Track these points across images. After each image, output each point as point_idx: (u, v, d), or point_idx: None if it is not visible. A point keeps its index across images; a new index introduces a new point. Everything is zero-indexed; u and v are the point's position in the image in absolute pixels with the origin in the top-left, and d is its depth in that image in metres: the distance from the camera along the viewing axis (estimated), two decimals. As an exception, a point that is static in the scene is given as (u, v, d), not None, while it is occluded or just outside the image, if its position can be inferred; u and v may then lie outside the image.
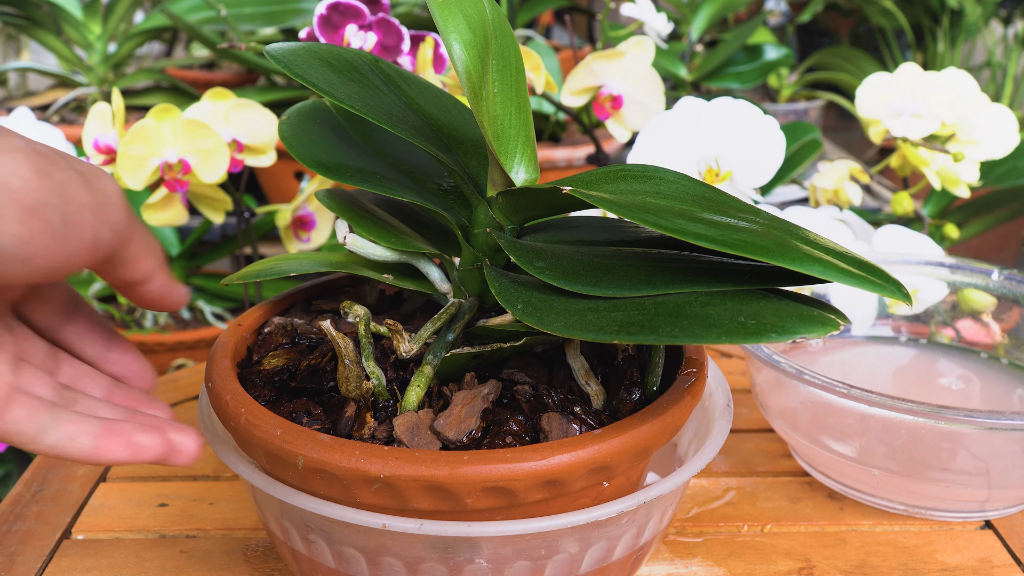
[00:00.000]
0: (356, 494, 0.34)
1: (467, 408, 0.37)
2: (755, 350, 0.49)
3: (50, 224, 0.28)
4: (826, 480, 0.52)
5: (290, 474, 0.35)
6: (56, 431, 0.33)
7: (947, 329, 0.61)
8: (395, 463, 0.33)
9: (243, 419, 0.36)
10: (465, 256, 0.41)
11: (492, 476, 0.34)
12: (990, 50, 1.78)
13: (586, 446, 0.34)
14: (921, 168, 0.77)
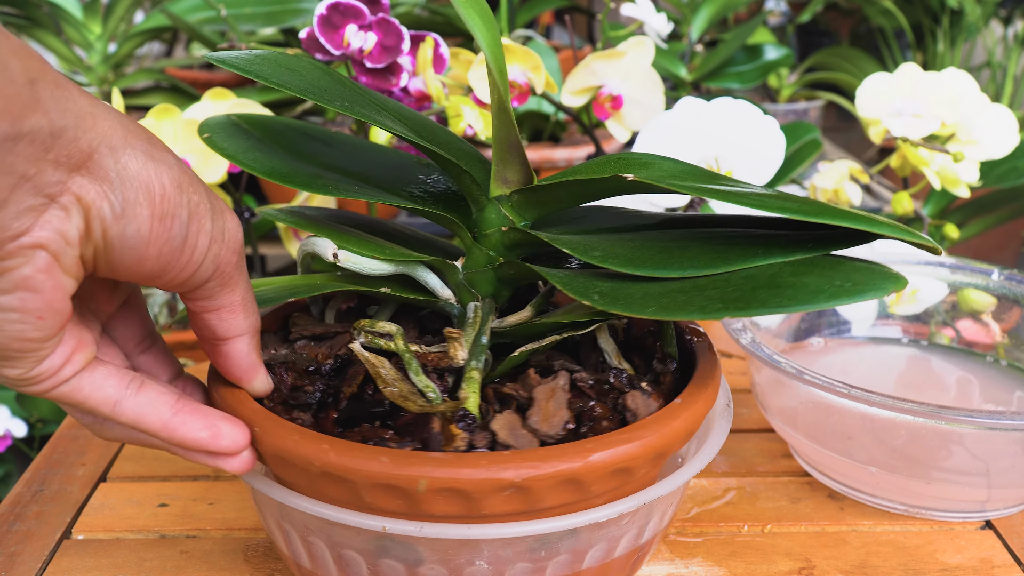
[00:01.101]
0: (484, 505, 0.33)
1: (553, 402, 0.37)
2: (755, 350, 0.49)
3: (171, 234, 0.31)
4: (826, 480, 0.52)
5: (397, 503, 0.33)
6: (140, 396, 0.34)
7: (947, 329, 0.61)
8: (529, 465, 0.33)
9: (330, 456, 0.33)
10: (476, 258, 0.40)
11: (618, 459, 0.34)
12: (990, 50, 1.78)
13: (680, 415, 0.36)
14: (921, 168, 0.77)
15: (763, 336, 0.58)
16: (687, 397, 0.37)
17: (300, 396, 0.38)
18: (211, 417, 0.35)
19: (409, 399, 0.36)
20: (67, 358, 0.32)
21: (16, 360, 0.31)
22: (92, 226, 0.29)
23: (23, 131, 0.26)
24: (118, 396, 0.34)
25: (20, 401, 0.88)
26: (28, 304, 0.29)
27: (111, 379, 0.34)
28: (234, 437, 0.35)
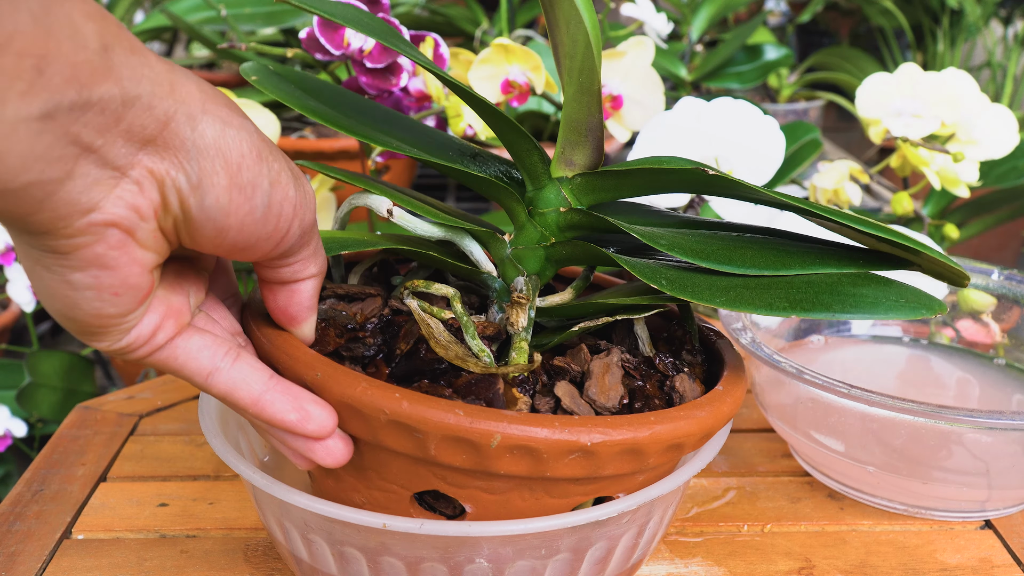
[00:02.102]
0: (550, 467, 0.34)
1: (609, 376, 0.37)
2: (755, 349, 0.49)
3: (253, 204, 0.30)
4: (826, 480, 0.52)
5: (463, 457, 0.33)
6: (234, 370, 0.33)
7: (947, 329, 0.61)
8: (601, 431, 0.33)
9: (404, 405, 0.33)
10: (528, 234, 0.40)
11: (677, 434, 0.35)
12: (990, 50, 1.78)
13: (726, 399, 0.37)
14: (921, 168, 0.77)
15: (763, 335, 0.58)
16: (728, 384, 0.39)
17: (356, 348, 0.37)
18: (301, 399, 0.34)
19: (468, 360, 0.36)
20: (157, 326, 0.31)
21: (100, 334, 0.30)
22: (168, 198, 0.28)
23: (92, 100, 0.25)
24: (212, 367, 0.33)
25: (20, 401, 0.88)
26: (102, 281, 0.28)
27: (206, 349, 0.33)
28: (322, 421, 0.34)
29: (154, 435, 0.57)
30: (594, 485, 0.36)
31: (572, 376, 0.38)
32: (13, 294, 0.85)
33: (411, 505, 0.36)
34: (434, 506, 0.37)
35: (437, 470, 0.34)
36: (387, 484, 0.36)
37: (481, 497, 0.35)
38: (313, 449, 0.34)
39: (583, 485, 0.35)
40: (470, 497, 0.35)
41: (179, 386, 0.63)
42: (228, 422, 0.44)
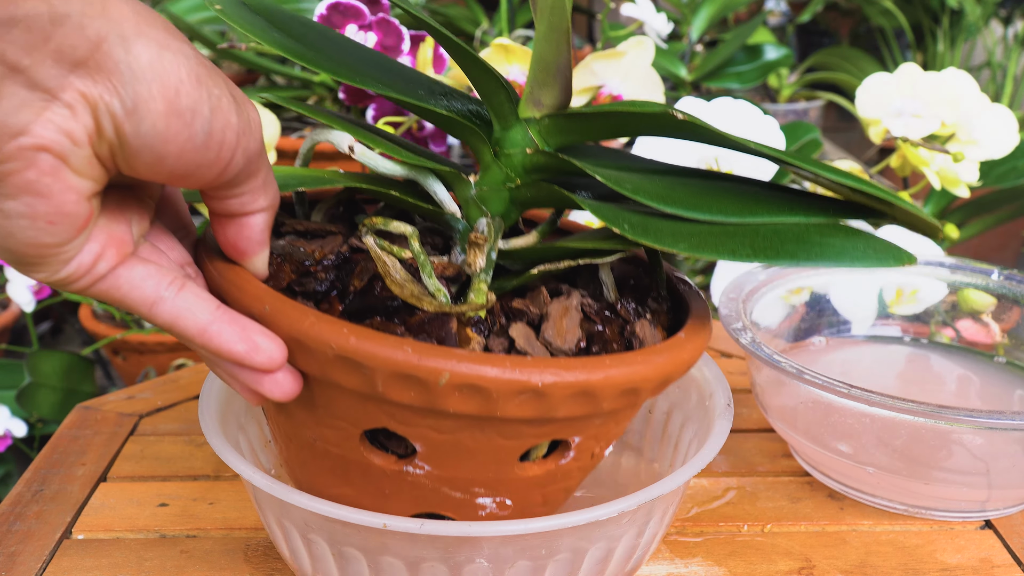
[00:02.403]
0: (500, 406, 0.33)
1: (567, 319, 0.37)
2: (755, 349, 0.49)
3: (192, 131, 0.29)
4: (826, 480, 0.52)
5: (412, 394, 0.33)
6: (179, 299, 0.32)
7: (947, 329, 0.61)
8: (552, 372, 0.33)
9: (351, 340, 0.32)
10: (493, 175, 0.40)
11: (632, 378, 0.34)
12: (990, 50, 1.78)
13: (687, 346, 0.37)
14: (921, 168, 0.77)
15: (763, 336, 0.58)
16: (690, 332, 0.38)
17: (308, 283, 0.37)
18: (249, 330, 0.33)
19: (423, 299, 0.35)
20: (97, 255, 0.30)
21: (39, 264, 0.29)
22: (102, 124, 0.27)
23: (17, 16, 0.24)
24: (156, 296, 0.32)
25: (20, 401, 0.88)
26: (36, 209, 0.27)
27: (150, 279, 0.32)
28: (271, 353, 0.33)
29: (154, 435, 0.57)
30: (547, 427, 0.35)
31: (530, 319, 0.37)
32: (13, 294, 0.85)
33: (361, 443, 0.36)
34: (385, 445, 0.36)
35: (386, 408, 0.34)
36: (337, 421, 0.35)
37: (431, 436, 0.35)
38: (261, 382, 0.34)
39: (535, 427, 0.35)
40: (420, 436, 0.35)
41: (179, 386, 0.63)
42: (228, 422, 0.44)
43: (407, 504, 0.37)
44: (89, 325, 1.08)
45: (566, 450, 0.38)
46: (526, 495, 0.38)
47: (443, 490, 0.37)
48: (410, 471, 0.36)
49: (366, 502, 0.37)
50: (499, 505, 0.38)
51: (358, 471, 0.37)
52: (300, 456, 0.39)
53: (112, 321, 1.09)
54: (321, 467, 0.38)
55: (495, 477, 0.37)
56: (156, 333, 1.05)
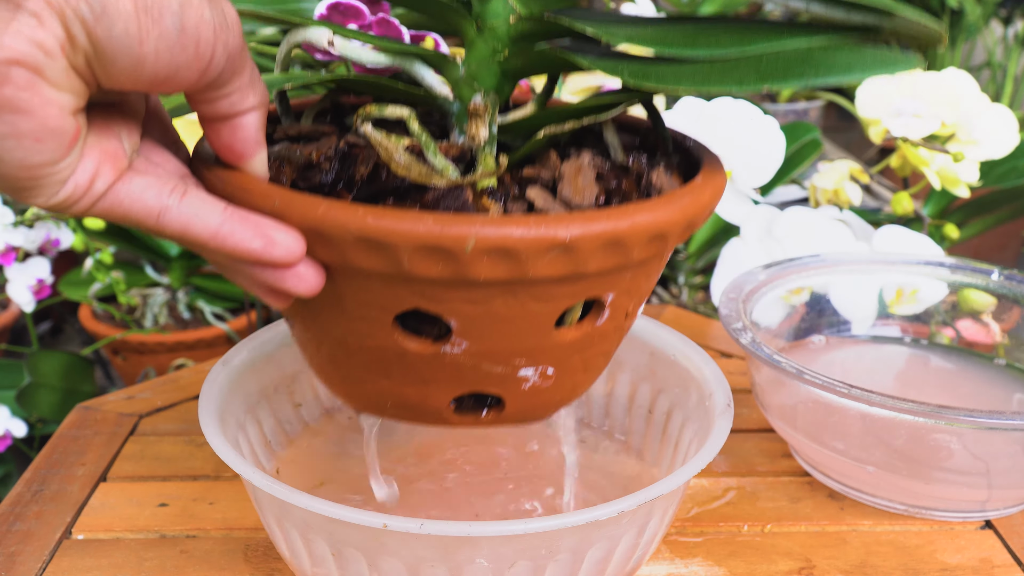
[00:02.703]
0: (531, 267, 0.32)
1: (581, 177, 0.36)
2: (755, 349, 0.49)
3: (163, 27, 0.28)
4: (826, 480, 0.52)
5: (439, 267, 0.32)
6: (184, 206, 0.31)
7: (947, 329, 0.61)
8: (580, 224, 0.32)
9: (368, 219, 0.31)
10: (480, 51, 0.39)
11: (659, 223, 0.34)
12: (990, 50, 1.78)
13: (706, 188, 0.36)
14: (921, 168, 0.77)
15: (763, 335, 0.58)
16: (706, 176, 0.37)
17: (313, 177, 0.36)
18: (262, 226, 0.32)
19: (433, 176, 0.34)
20: (94, 173, 0.30)
21: (35, 188, 0.29)
22: (73, 31, 0.27)
23: None
24: (160, 206, 0.31)
25: (20, 401, 0.88)
26: (19, 127, 0.27)
27: (150, 189, 0.31)
28: (288, 245, 0.32)
29: (154, 435, 0.57)
30: (579, 286, 0.35)
31: (544, 182, 0.36)
32: (13, 294, 0.85)
33: (394, 330, 0.35)
34: (418, 329, 0.36)
35: (415, 287, 0.33)
36: (366, 311, 0.35)
37: (464, 310, 0.34)
38: (284, 279, 0.33)
39: (567, 286, 0.34)
40: (452, 312, 0.34)
41: (179, 386, 0.63)
42: (228, 422, 0.44)
43: (449, 387, 0.37)
44: (89, 325, 1.08)
45: (600, 310, 0.37)
46: (566, 362, 0.37)
47: (483, 366, 0.36)
48: (448, 351, 0.35)
49: (407, 392, 0.37)
50: (541, 375, 0.37)
51: (394, 361, 0.36)
52: (332, 357, 0.38)
53: (112, 321, 1.09)
54: (356, 364, 0.37)
55: (533, 345, 0.36)
56: (156, 333, 1.05)
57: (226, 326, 1.07)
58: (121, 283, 0.91)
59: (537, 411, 0.40)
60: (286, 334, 0.50)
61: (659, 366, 0.50)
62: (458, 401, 0.38)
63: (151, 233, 0.33)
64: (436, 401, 0.37)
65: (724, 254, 0.72)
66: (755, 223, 0.71)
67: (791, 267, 0.59)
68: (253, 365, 0.48)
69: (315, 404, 0.53)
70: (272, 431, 0.50)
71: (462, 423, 0.39)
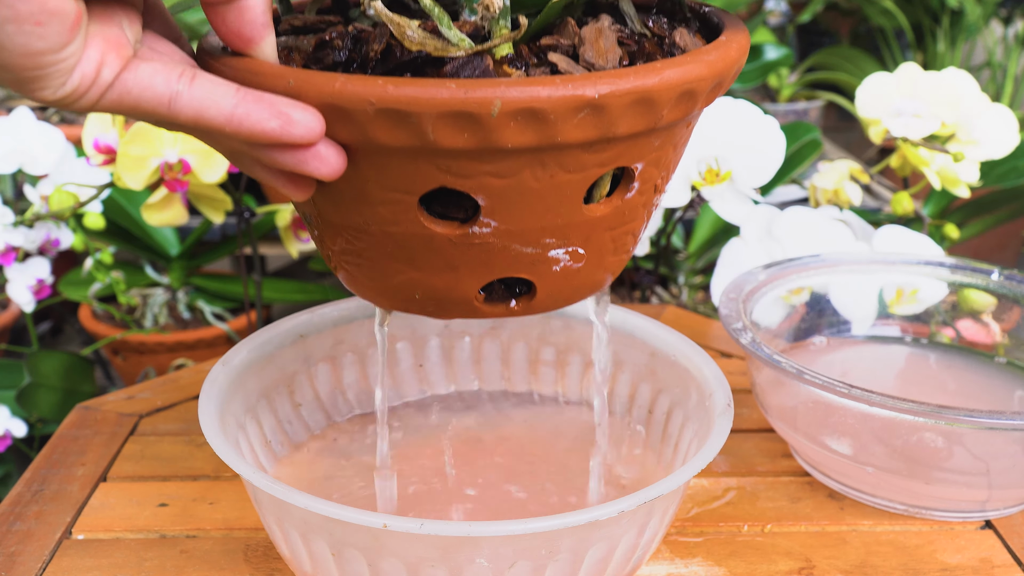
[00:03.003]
0: (559, 130, 0.31)
1: (603, 39, 0.35)
2: (755, 349, 0.49)
3: None
4: (826, 480, 0.52)
5: (465, 136, 0.31)
6: (195, 90, 0.30)
7: (947, 329, 0.61)
8: (608, 81, 0.31)
9: (389, 89, 0.30)
10: None
11: (688, 79, 0.33)
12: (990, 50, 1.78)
13: (732, 44, 0.35)
14: (921, 168, 0.77)
15: (763, 336, 0.58)
16: (730, 34, 0.36)
17: (325, 56, 0.34)
18: (277, 104, 0.31)
19: (450, 48, 0.33)
20: (99, 62, 0.29)
21: (41, 79, 0.28)
22: None
23: None
24: (171, 92, 0.30)
25: (20, 401, 0.88)
26: (19, 9, 0.26)
27: (159, 75, 0.30)
28: (308, 123, 0.31)
29: (154, 435, 0.57)
30: (609, 152, 0.34)
31: (563, 50, 0.35)
32: (13, 294, 0.85)
33: (419, 213, 0.34)
34: (444, 213, 0.35)
35: (440, 161, 0.32)
36: (389, 194, 0.34)
37: (491, 184, 0.33)
38: (305, 160, 0.32)
39: (598, 152, 0.33)
40: (480, 187, 0.33)
41: (179, 386, 0.63)
42: (228, 422, 0.44)
43: (478, 273, 0.36)
44: (89, 325, 1.08)
45: (630, 182, 0.36)
46: (597, 241, 0.37)
47: (513, 247, 0.35)
48: (476, 232, 0.34)
49: (435, 281, 0.36)
50: (572, 256, 0.36)
51: (421, 247, 0.35)
52: (356, 250, 0.37)
53: (112, 321, 1.09)
54: (380, 255, 0.36)
55: (563, 222, 0.35)
56: (156, 333, 1.05)
57: (226, 326, 1.07)
58: (121, 283, 0.91)
59: (568, 296, 0.38)
60: (286, 334, 0.51)
61: (659, 366, 0.50)
62: (487, 290, 0.37)
63: (163, 124, 0.32)
64: (465, 290, 0.36)
65: (724, 254, 0.72)
66: (755, 223, 0.71)
67: (791, 267, 0.59)
68: (253, 365, 0.48)
69: (315, 404, 0.53)
70: (272, 431, 0.50)
71: (492, 313, 0.38)
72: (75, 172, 0.81)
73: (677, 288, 1.05)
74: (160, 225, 0.72)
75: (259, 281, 0.85)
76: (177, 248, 1.09)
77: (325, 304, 0.53)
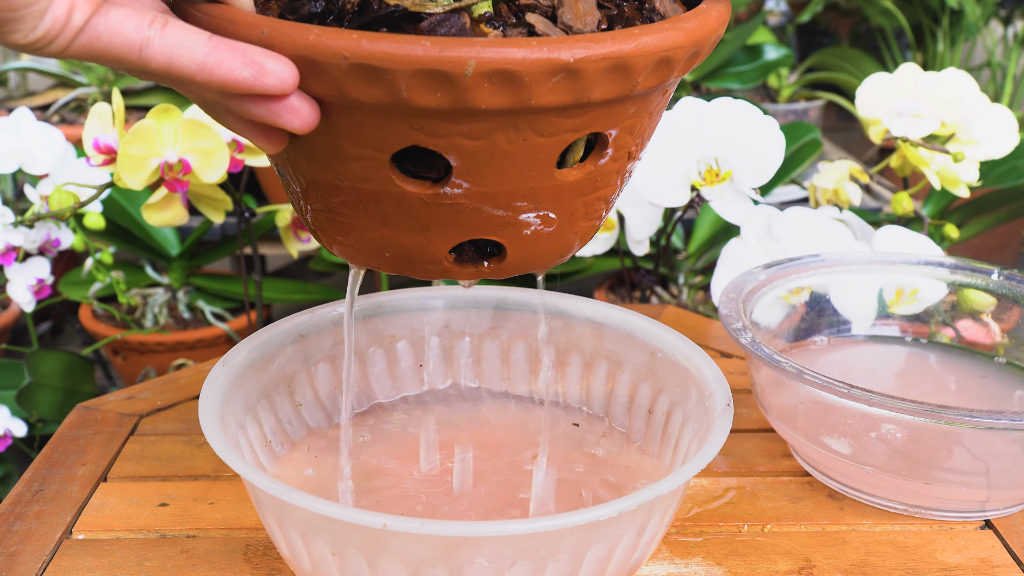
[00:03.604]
0: (534, 93, 0.31)
1: (582, 3, 0.35)
2: (755, 349, 0.49)
3: None
4: (826, 480, 0.52)
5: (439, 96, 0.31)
6: (166, 36, 0.30)
7: (947, 329, 0.61)
8: (584, 45, 0.31)
9: (363, 43, 0.30)
10: None
11: (665, 46, 0.33)
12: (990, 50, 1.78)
13: (711, 12, 0.35)
14: (921, 168, 0.77)
15: (763, 336, 0.58)
16: (710, 2, 0.36)
17: (301, 7, 0.34)
18: (251, 53, 0.30)
19: (427, 4, 0.32)
20: (71, 5, 0.29)
21: (13, 23, 0.28)
22: None
23: None
24: (141, 38, 0.30)
25: (20, 401, 0.88)
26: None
27: (129, 20, 0.30)
28: (280, 73, 0.30)
29: (154, 435, 0.57)
30: (583, 118, 0.33)
31: (542, 10, 0.35)
32: (13, 294, 0.85)
33: (391, 171, 0.34)
34: (416, 172, 0.35)
35: (413, 120, 0.32)
36: (362, 150, 0.33)
37: (464, 145, 0.33)
38: (278, 112, 0.31)
39: (572, 118, 0.33)
40: (453, 148, 0.33)
41: (179, 386, 0.63)
42: (228, 422, 0.44)
43: (449, 234, 0.36)
44: (89, 325, 1.08)
45: (603, 149, 0.36)
46: (569, 206, 0.37)
47: (484, 209, 0.35)
48: (448, 192, 0.34)
49: (405, 240, 0.36)
50: (543, 220, 0.36)
51: (392, 205, 0.35)
52: (328, 205, 0.37)
53: (112, 321, 1.09)
54: (352, 212, 0.36)
55: (535, 186, 0.35)
56: (156, 333, 1.05)
57: (226, 326, 1.07)
58: (121, 283, 0.91)
59: (538, 260, 0.39)
60: (286, 334, 0.51)
61: (659, 366, 0.50)
62: (458, 251, 0.37)
63: (134, 73, 0.31)
64: (435, 250, 0.36)
65: (724, 254, 0.72)
66: (755, 223, 0.71)
67: (791, 267, 0.59)
68: (253, 365, 0.48)
69: (315, 404, 0.53)
70: (272, 431, 0.50)
71: (462, 274, 0.38)
72: (75, 172, 0.81)
73: (677, 288, 1.05)
74: (160, 225, 0.72)
75: (259, 281, 0.85)
76: (177, 248, 1.09)
77: (325, 304, 0.53)
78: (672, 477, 0.38)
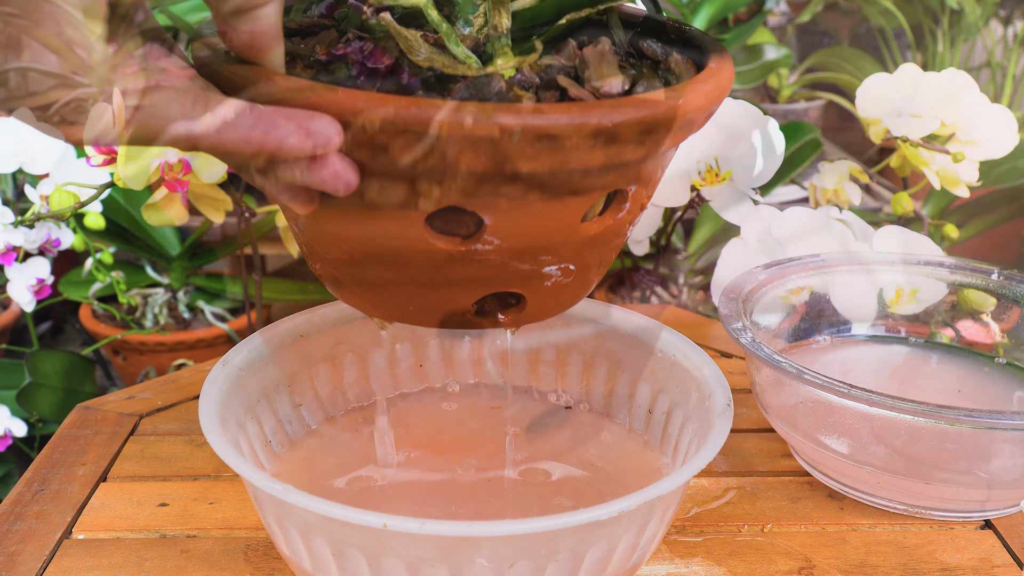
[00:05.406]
0: (572, 157, 0.32)
1: (605, 64, 0.36)
2: (755, 349, 0.49)
3: None
4: (826, 480, 0.52)
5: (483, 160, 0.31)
6: (214, 116, 0.30)
7: (947, 329, 0.61)
8: (622, 111, 0.32)
9: (412, 111, 0.30)
10: None
11: (688, 109, 0.34)
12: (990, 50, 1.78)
13: (722, 74, 0.36)
14: (921, 168, 0.77)
15: (763, 336, 0.58)
16: (718, 61, 0.37)
17: (337, 69, 0.34)
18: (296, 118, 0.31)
19: (459, 67, 0.33)
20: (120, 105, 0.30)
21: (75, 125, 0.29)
22: None
23: None
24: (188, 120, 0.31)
25: (20, 401, 0.88)
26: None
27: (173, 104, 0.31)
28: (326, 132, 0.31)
29: (154, 435, 0.57)
30: (612, 175, 0.34)
31: (567, 71, 0.36)
32: (13, 294, 0.85)
33: (425, 229, 0.34)
34: (446, 229, 0.35)
35: (454, 183, 0.33)
36: (400, 210, 0.34)
37: (500, 205, 0.33)
38: (321, 176, 0.31)
39: (602, 176, 0.34)
40: (488, 207, 0.33)
41: (179, 386, 0.63)
42: (228, 422, 0.44)
43: (475, 288, 0.36)
44: (89, 325, 1.08)
45: (622, 203, 0.37)
46: (586, 257, 0.37)
47: (511, 264, 0.35)
48: (478, 249, 0.35)
49: (432, 295, 0.36)
50: (563, 271, 0.37)
51: (421, 261, 0.35)
52: (353, 259, 0.37)
53: (112, 321, 1.09)
54: (378, 267, 0.36)
55: (561, 240, 0.36)
56: (156, 333, 1.05)
57: (226, 326, 1.07)
58: (121, 283, 0.91)
59: (554, 309, 0.39)
60: (286, 334, 0.51)
61: (659, 366, 0.50)
62: (480, 302, 0.37)
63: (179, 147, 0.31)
64: (460, 303, 0.36)
65: (724, 254, 0.72)
66: (755, 223, 0.71)
67: (791, 267, 0.59)
68: (253, 365, 0.48)
69: (315, 404, 0.53)
70: (272, 431, 0.50)
71: (481, 325, 0.38)
72: (75, 172, 0.81)
73: (677, 288, 1.05)
74: (160, 225, 0.72)
75: (259, 281, 0.85)
76: (177, 248, 1.09)
77: (325, 304, 0.53)
78: (672, 477, 0.38)
